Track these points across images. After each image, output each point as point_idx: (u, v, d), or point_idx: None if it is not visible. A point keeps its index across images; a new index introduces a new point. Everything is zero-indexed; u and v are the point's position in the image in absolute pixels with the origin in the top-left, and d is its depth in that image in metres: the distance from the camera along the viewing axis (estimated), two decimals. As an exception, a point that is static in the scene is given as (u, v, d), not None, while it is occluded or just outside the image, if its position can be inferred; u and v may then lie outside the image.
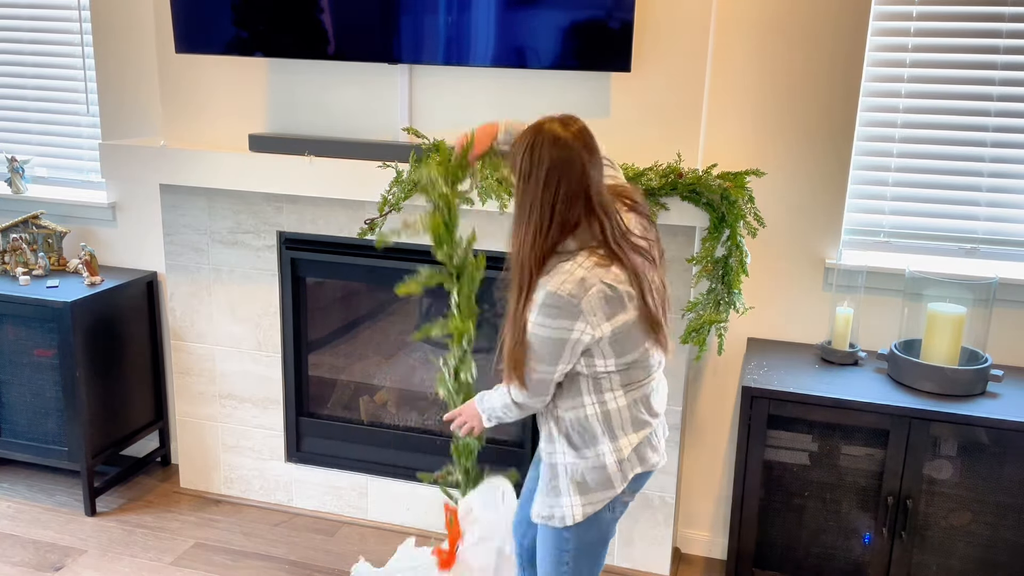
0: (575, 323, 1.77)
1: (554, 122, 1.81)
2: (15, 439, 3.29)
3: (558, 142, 1.77)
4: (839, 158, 2.68)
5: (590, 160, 1.78)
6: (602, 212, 1.79)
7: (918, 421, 2.36)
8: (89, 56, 3.37)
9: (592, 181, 1.78)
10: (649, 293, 1.82)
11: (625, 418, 1.89)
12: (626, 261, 1.79)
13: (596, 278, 1.76)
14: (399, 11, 2.62)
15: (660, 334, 1.87)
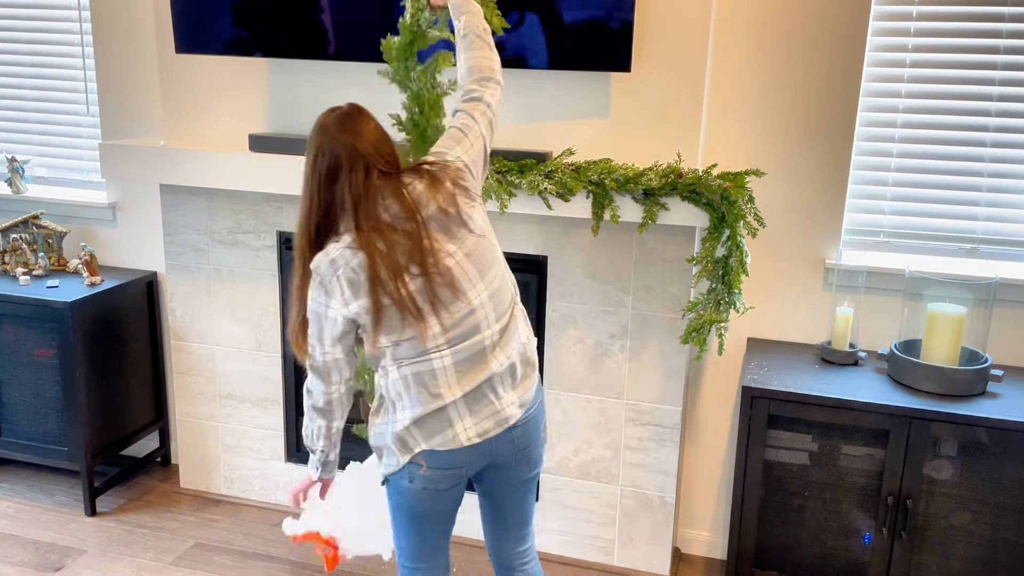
0: (330, 300, 1.82)
1: (329, 109, 1.88)
2: (15, 439, 3.29)
3: (320, 128, 1.84)
4: (839, 158, 2.69)
5: (352, 144, 1.81)
6: (352, 197, 1.79)
7: (918, 421, 2.36)
8: (89, 56, 3.37)
9: (348, 166, 1.80)
10: (398, 280, 1.78)
11: (401, 391, 1.88)
12: (370, 248, 1.77)
13: (344, 260, 1.79)
14: (399, 11, 2.61)
15: (422, 322, 1.81)
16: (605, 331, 2.81)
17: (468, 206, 1.87)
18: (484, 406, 1.90)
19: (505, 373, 1.91)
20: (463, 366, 1.87)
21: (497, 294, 1.89)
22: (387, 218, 1.80)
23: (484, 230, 1.90)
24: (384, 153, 1.85)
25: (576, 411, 2.89)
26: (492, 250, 1.91)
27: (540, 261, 2.82)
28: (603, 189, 2.51)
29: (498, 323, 1.89)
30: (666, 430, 2.82)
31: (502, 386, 1.91)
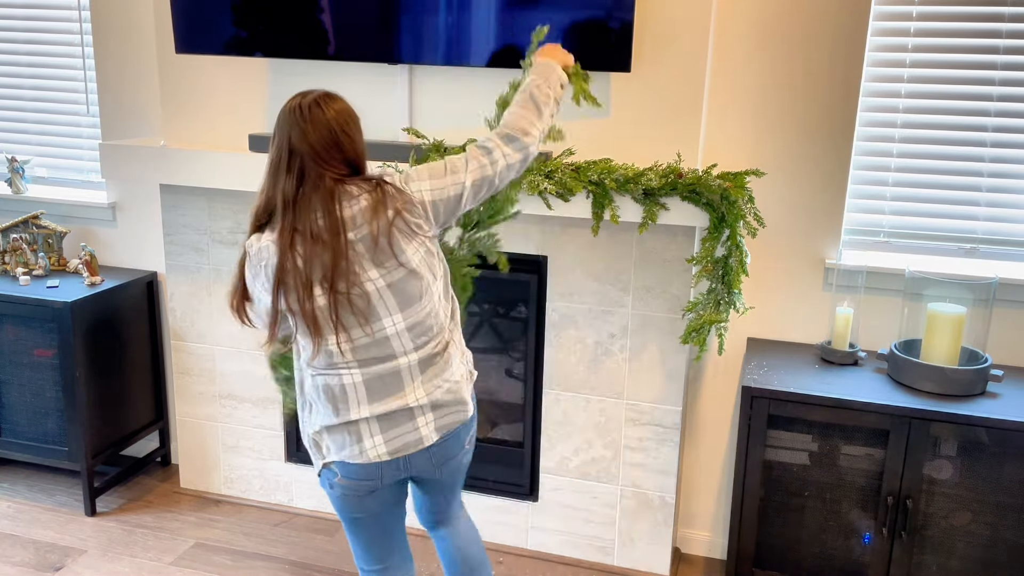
0: (255, 281, 1.82)
1: (300, 95, 1.83)
2: (15, 439, 3.29)
3: (285, 114, 1.80)
4: (839, 158, 2.69)
5: (305, 141, 1.76)
6: (290, 199, 1.76)
7: (918, 421, 2.36)
8: (89, 56, 3.37)
9: (297, 165, 1.76)
10: (305, 292, 1.75)
11: (314, 398, 1.89)
12: (285, 255, 1.75)
13: (268, 254, 1.78)
14: (399, 11, 2.62)
15: (319, 337, 1.78)
16: (605, 331, 2.81)
17: (405, 240, 1.80)
18: (398, 429, 1.88)
19: (427, 407, 1.89)
20: (375, 386, 1.85)
21: (418, 327, 1.85)
22: (315, 228, 1.75)
23: (417, 267, 1.82)
24: (334, 157, 1.78)
25: (576, 411, 2.89)
26: (421, 287, 1.84)
27: (540, 261, 2.82)
28: (603, 189, 2.51)
29: (416, 353, 1.86)
30: (666, 430, 2.82)
31: (422, 417, 1.89)
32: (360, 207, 1.78)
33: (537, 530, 3.03)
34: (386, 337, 1.83)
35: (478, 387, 3.14)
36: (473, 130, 2.76)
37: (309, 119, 1.77)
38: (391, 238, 1.78)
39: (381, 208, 1.77)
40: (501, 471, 3.04)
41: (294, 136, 1.77)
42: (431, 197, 1.84)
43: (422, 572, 2.91)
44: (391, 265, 1.80)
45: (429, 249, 1.86)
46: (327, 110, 1.79)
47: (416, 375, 1.87)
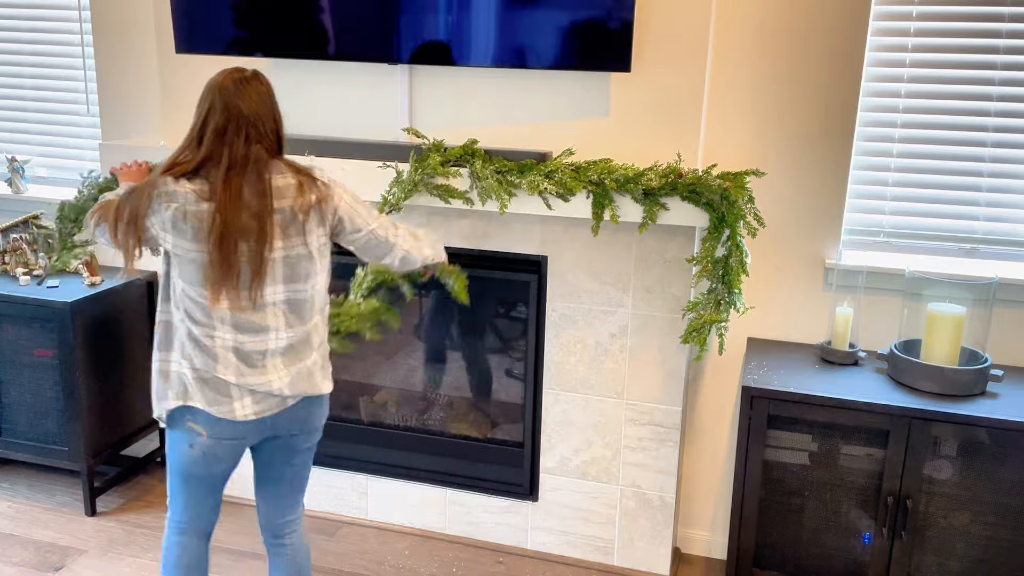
0: (151, 217, 1.94)
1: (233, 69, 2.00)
2: (15, 439, 3.29)
3: (218, 86, 1.96)
4: (839, 158, 2.69)
5: (242, 110, 1.92)
6: (230, 159, 1.90)
7: (918, 421, 2.36)
8: (89, 56, 3.37)
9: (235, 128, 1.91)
10: (227, 244, 1.88)
11: (186, 343, 1.99)
12: (223, 208, 1.88)
13: (182, 200, 1.91)
14: (399, 11, 2.62)
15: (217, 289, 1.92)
16: (605, 331, 2.81)
17: (315, 225, 1.99)
18: (263, 396, 2.02)
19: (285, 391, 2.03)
20: (242, 359, 1.99)
21: (296, 307, 2.01)
22: (247, 191, 1.90)
23: (315, 251, 2.00)
24: (270, 130, 1.96)
25: (576, 411, 2.89)
26: (310, 270, 2.01)
27: (540, 261, 2.83)
28: (603, 189, 2.51)
29: (287, 331, 2.01)
30: (666, 430, 2.82)
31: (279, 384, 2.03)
32: (288, 182, 1.96)
33: (537, 530, 3.03)
34: (264, 306, 1.98)
35: (479, 387, 3.14)
36: (473, 130, 2.76)
37: (254, 92, 1.96)
38: (308, 217, 1.97)
39: (307, 189, 1.97)
40: (501, 471, 3.04)
41: (239, 105, 1.93)
42: (344, 209, 2.06)
43: (422, 572, 2.91)
44: (296, 242, 1.97)
45: (327, 244, 2.06)
46: (265, 89, 1.99)
47: (280, 355, 2.02)
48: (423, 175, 2.61)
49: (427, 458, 3.11)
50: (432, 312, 3.16)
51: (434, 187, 2.63)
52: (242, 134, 1.92)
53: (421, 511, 3.14)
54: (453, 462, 3.08)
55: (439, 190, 2.63)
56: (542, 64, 2.56)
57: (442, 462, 3.10)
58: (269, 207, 1.92)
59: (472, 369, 3.13)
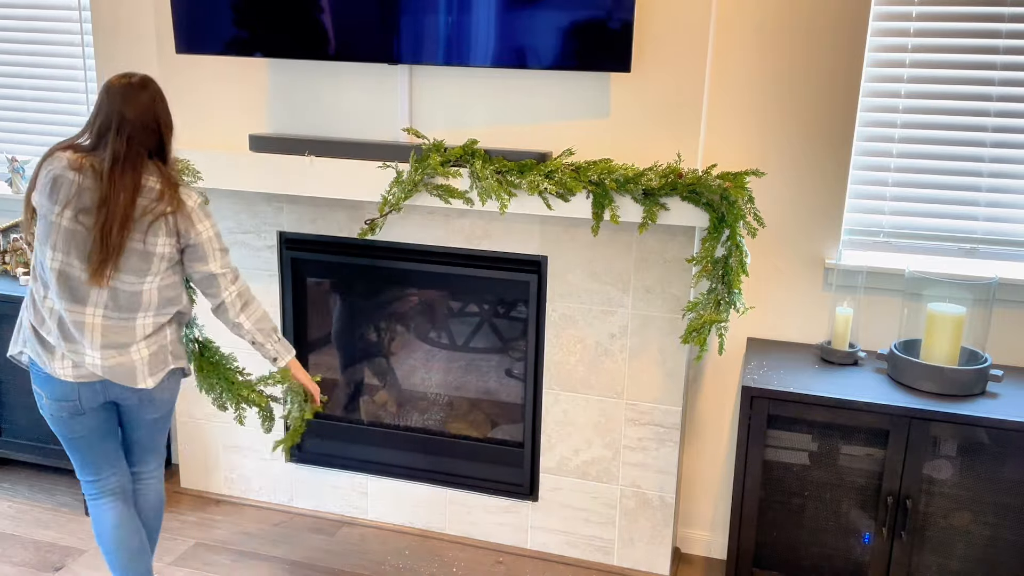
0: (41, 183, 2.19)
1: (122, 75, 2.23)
2: (15, 439, 3.29)
3: (108, 89, 2.20)
4: (839, 158, 2.69)
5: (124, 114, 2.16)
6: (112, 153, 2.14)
7: (918, 421, 2.36)
8: (89, 56, 3.37)
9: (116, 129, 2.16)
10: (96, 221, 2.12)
11: (29, 299, 2.27)
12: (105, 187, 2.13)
13: (58, 164, 2.17)
14: (399, 11, 2.62)
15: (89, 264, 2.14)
16: (605, 331, 2.81)
17: (162, 232, 2.19)
18: (79, 364, 2.22)
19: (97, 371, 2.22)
20: (62, 327, 2.21)
21: (121, 296, 2.20)
22: (123, 183, 2.14)
23: (154, 254, 2.20)
24: (150, 134, 2.19)
25: (576, 411, 2.89)
26: (143, 269, 2.20)
27: (540, 261, 2.83)
28: (603, 189, 2.51)
29: (105, 313, 2.20)
30: (666, 430, 2.82)
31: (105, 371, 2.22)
32: (152, 186, 2.19)
33: (537, 530, 3.03)
34: (91, 284, 2.18)
35: (478, 386, 3.14)
36: (473, 130, 2.76)
37: (138, 98, 2.18)
38: (154, 221, 2.18)
39: (165, 199, 2.19)
40: (501, 471, 3.04)
41: (121, 110, 2.16)
42: (202, 240, 2.26)
43: (422, 572, 2.91)
44: (138, 238, 2.17)
45: (174, 256, 2.24)
46: (151, 94, 2.21)
47: (97, 330, 2.21)
48: (423, 175, 2.61)
49: (427, 458, 3.11)
50: (430, 312, 3.16)
51: (434, 187, 2.63)
52: (123, 135, 2.15)
53: (421, 511, 3.15)
54: (453, 462, 3.08)
55: (439, 190, 2.63)
56: (542, 64, 2.56)
57: (442, 462, 3.10)
58: (133, 201, 2.15)
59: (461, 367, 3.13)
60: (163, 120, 2.22)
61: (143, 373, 2.27)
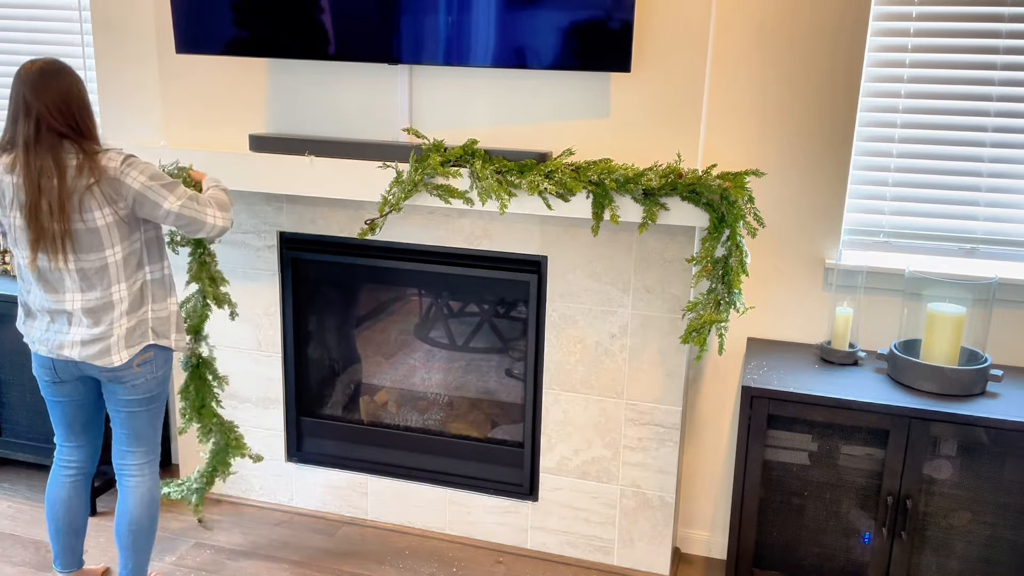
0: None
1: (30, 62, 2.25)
2: (15, 439, 3.29)
3: (17, 75, 2.23)
4: (839, 158, 2.69)
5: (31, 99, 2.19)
6: (24, 140, 2.19)
7: (918, 421, 2.36)
8: (89, 56, 3.37)
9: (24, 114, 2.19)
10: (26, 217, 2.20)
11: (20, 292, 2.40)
12: (29, 180, 2.18)
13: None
14: (399, 11, 2.62)
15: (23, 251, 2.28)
16: (605, 331, 2.81)
17: (96, 204, 2.22)
18: (56, 345, 2.35)
19: (74, 356, 2.33)
20: (46, 308, 2.33)
21: (87, 275, 2.28)
22: (41, 169, 2.18)
23: (98, 227, 2.24)
24: (64, 116, 2.20)
25: (576, 411, 2.89)
26: (96, 243, 2.25)
27: (540, 261, 2.83)
28: (603, 189, 2.51)
29: (81, 296, 2.30)
30: (666, 430, 2.82)
31: (84, 350, 2.33)
32: (72, 163, 2.21)
33: (537, 530, 3.03)
34: (59, 270, 2.27)
35: (478, 386, 3.15)
36: (473, 130, 2.77)
37: (46, 82, 2.19)
38: (82, 197, 2.21)
39: (85, 173, 2.20)
40: (501, 471, 3.04)
41: (28, 94, 2.18)
42: (138, 188, 2.25)
43: (422, 572, 2.91)
44: (76, 218, 2.22)
45: (121, 220, 2.26)
46: (61, 78, 2.21)
47: (76, 313, 2.31)
48: (423, 175, 2.61)
49: (427, 458, 3.11)
50: (432, 313, 3.16)
51: (434, 187, 2.63)
52: (31, 119, 2.18)
53: (421, 511, 3.15)
54: (453, 462, 3.09)
55: (439, 190, 2.63)
56: (542, 64, 2.56)
57: (442, 462, 3.10)
58: (58, 184, 2.18)
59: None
60: (74, 99, 2.22)
61: (117, 347, 2.33)
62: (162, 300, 2.42)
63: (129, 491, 2.52)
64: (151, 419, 2.50)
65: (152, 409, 2.49)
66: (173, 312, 2.46)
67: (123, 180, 2.23)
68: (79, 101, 2.23)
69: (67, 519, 2.58)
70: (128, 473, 2.52)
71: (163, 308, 2.42)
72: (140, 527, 2.52)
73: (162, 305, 2.42)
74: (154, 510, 2.55)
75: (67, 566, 2.63)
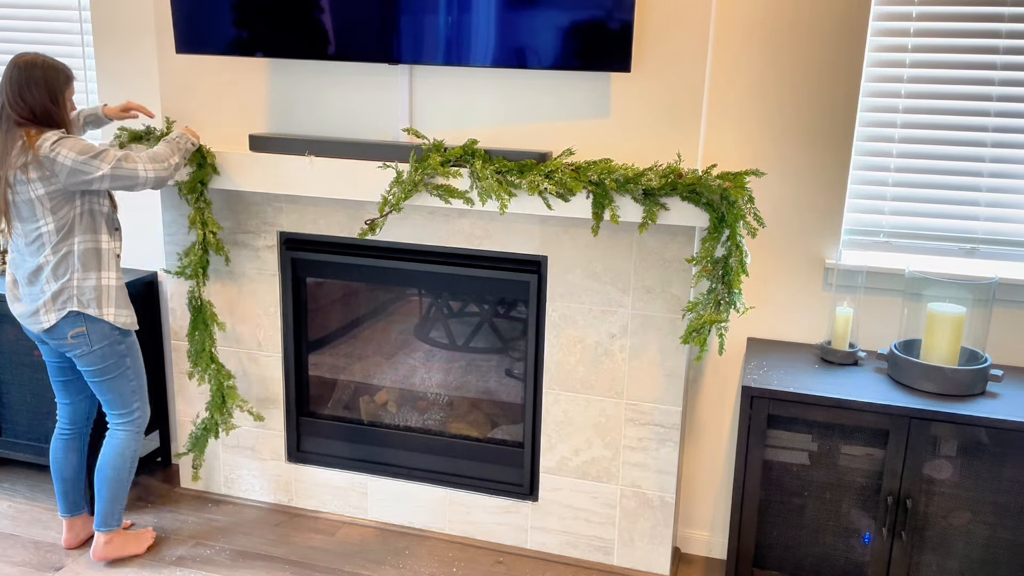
0: None
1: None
2: (15, 439, 3.29)
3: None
4: (839, 158, 2.69)
5: (4, 81, 2.54)
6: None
7: (918, 421, 2.36)
8: (89, 56, 3.37)
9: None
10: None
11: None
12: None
13: None
14: (399, 11, 2.62)
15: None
16: (605, 331, 2.81)
17: (30, 180, 2.51)
18: (16, 307, 2.68)
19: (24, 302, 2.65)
20: (10, 273, 2.67)
21: (30, 243, 2.57)
22: (0, 148, 2.53)
23: (31, 200, 2.52)
24: (19, 107, 2.51)
25: (576, 411, 2.89)
26: (32, 213, 2.54)
27: (540, 261, 2.83)
28: (603, 189, 2.52)
29: (26, 262, 2.60)
30: (666, 430, 2.82)
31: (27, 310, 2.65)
32: (18, 145, 2.52)
33: (537, 530, 3.03)
34: (12, 238, 2.61)
35: (478, 386, 3.14)
36: (473, 130, 2.77)
37: (8, 76, 2.52)
38: (16, 174, 2.52)
39: (22, 154, 2.51)
40: (501, 471, 3.04)
41: (2, 85, 2.53)
42: (70, 164, 2.50)
43: (422, 572, 2.91)
44: (20, 190, 2.53)
45: (53, 195, 2.53)
46: (23, 70, 2.52)
47: (22, 282, 2.64)
48: (423, 175, 2.61)
49: (427, 458, 3.11)
50: (432, 313, 3.16)
51: (434, 187, 2.64)
52: (1, 107, 2.54)
53: (421, 511, 3.15)
54: (453, 462, 3.09)
55: (439, 190, 2.63)
56: (542, 64, 2.56)
57: (442, 462, 3.10)
58: (3, 161, 2.52)
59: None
60: (28, 93, 2.51)
61: (45, 310, 2.61)
62: (91, 271, 2.62)
63: (105, 443, 2.81)
64: (111, 387, 2.74)
65: (107, 380, 2.72)
66: (108, 286, 2.65)
67: (54, 158, 2.49)
68: (33, 94, 2.51)
69: (56, 469, 2.91)
70: (110, 428, 2.81)
71: (90, 278, 2.62)
72: (102, 475, 2.79)
73: (89, 275, 2.62)
74: (118, 462, 2.79)
75: (64, 511, 2.95)
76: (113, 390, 2.74)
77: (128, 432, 2.80)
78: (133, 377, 2.77)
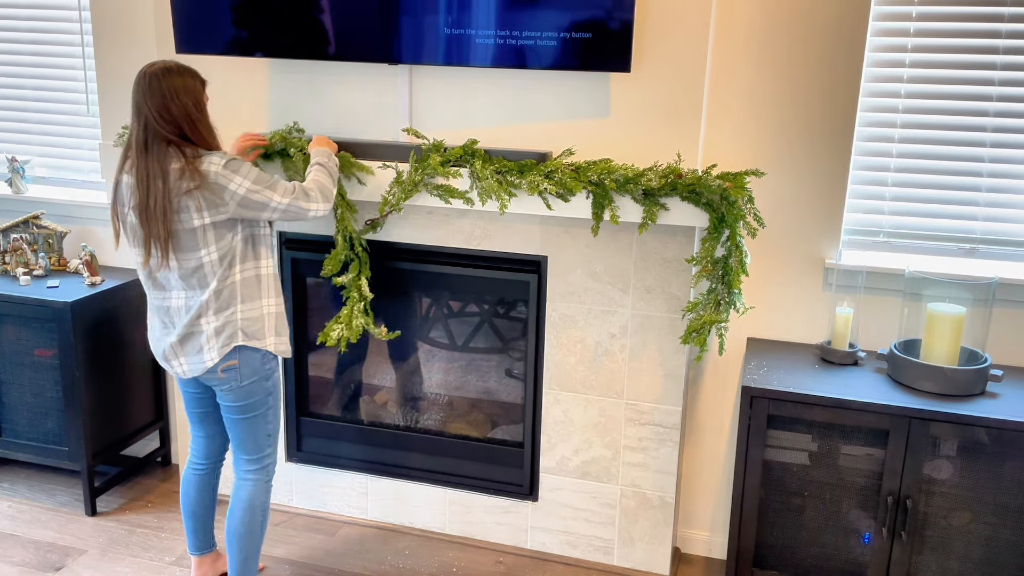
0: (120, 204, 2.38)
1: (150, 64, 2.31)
2: (15, 439, 3.29)
3: (136, 77, 2.29)
4: (839, 158, 2.69)
5: (142, 101, 2.26)
6: (136, 142, 2.27)
7: (918, 421, 2.36)
8: (89, 56, 3.37)
9: (136, 115, 2.27)
10: (146, 213, 2.26)
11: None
12: (141, 178, 2.25)
13: (118, 174, 2.34)
14: (399, 11, 2.62)
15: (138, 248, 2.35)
16: (605, 331, 2.81)
17: (194, 206, 2.26)
18: (163, 343, 2.43)
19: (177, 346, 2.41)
20: (155, 306, 2.42)
21: (187, 275, 2.33)
22: (149, 171, 2.25)
23: (195, 227, 2.28)
24: (167, 123, 2.25)
25: (576, 411, 2.89)
26: (194, 243, 2.30)
27: (540, 261, 2.83)
28: (603, 189, 2.52)
29: (184, 292, 2.36)
30: (666, 430, 2.82)
31: (181, 351, 2.41)
32: (175, 167, 2.25)
33: (537, 530, 3.03)
34: (165, 269, 2.34)
35: (478, 386, 3.15)
36: (473, 130, 2.77)
37: (159, 85, 2.25)
38: (180, 200, 2.26)
39: (186, 177, 2.24)
40: (501, 471, 3.04)
41: (139, 98, 2.26)
42: (243, 194, 2.30)
43: (422, 572, 2.91)
44: (176, 219, 2.28)
45: (218, 223, 2.30)
46: (172, 81, 2.26)
47: (181, 316, 2.38)
48: (423, 175, 2.61)
49: (427, 458, 3.11)
50: (432, 312, 3.16)
51: (434, 187, 2.64)
52: (141, 122, 2.26)
53: (421, 511, 3.15)
54: (453, 462, 3.09)
55: (439, 190, 2.63)
56: (542, 64, 2.56)
57: (442, 462, 3.10)
58: (163, 187, 2.24)
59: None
60: (176, 107, 2.25)
61: (208, 347, 2.37)
62: (253, 300, 2.40)
63: (233, 494, 2.57)
64: (251, 428, 2.50)
65: (250, 418, 2.48)
66: (269, 314, 2.44)
67: (225, 186, 2.27)
68: (182, 108, 2.26)
69: (186, 505, 2.71)
70: (237, 475, 2.57)
71: (252, 308, 2.40)
72: (234, 533, 2.55)
73: (251, 305, 2.40)
74: (248, 516, 2.54)
75: (193, 549, 2.75)
76: (249, 431, 2.50)
77: (258, 483, 2.55)
78: (272, 419, 2.53)
